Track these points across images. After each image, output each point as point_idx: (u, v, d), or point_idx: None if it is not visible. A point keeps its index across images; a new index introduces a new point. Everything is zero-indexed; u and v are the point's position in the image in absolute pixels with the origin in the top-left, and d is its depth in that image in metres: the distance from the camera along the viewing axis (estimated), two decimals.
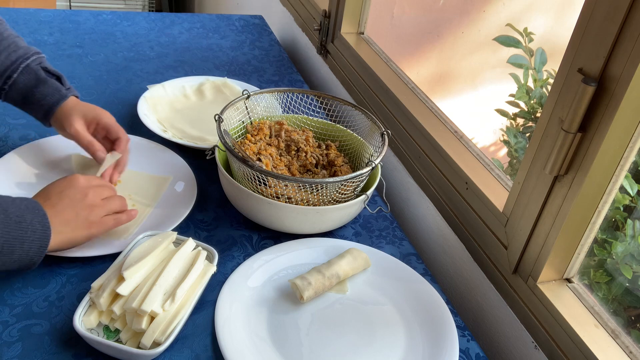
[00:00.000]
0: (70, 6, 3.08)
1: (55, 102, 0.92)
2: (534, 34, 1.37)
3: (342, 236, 0.96)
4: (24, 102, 0.93)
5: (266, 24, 1.71)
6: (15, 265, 0.72)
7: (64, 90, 0.93)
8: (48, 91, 0.92)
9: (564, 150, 0.72)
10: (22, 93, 0.92)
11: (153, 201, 0.95)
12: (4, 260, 0.70)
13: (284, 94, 1.08)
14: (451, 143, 1.04)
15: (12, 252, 0.70)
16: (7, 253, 0.70)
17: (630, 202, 0.94)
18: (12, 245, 0.70)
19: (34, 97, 0.92)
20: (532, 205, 0.80)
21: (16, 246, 0.70)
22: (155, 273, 0.74)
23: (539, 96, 1.37)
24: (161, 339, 0.69)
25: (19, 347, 0.70)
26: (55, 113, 0.92)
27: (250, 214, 0.92)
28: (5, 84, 0.91)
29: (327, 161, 1.01)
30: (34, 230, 0.72)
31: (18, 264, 0.72)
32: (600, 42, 0.67)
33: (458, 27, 1.62)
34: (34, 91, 0.92)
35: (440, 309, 0.83)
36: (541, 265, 0.79)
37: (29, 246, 0.72)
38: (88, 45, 1.41)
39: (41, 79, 0.92)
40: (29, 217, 0.72)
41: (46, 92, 0.92)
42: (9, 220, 0.70)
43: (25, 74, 0.92)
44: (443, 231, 1.03)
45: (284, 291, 0.83)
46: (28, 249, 0.71)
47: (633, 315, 0.95)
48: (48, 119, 0.93)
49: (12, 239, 0.70)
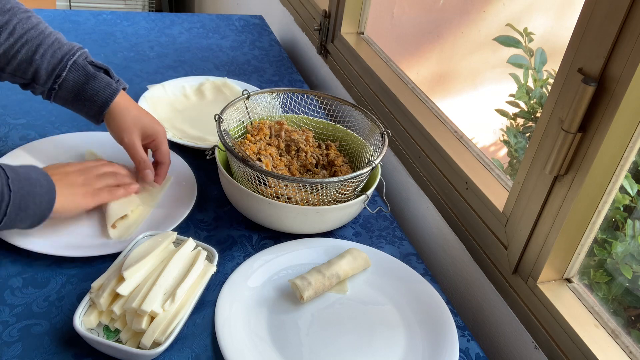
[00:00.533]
0: (70, 6, 3.08)
1: (109, 97, 0.91)
2: (534, 34, 1.37)
3: (342, 236, 0.96)
4: (76, 99, 0.91)
5: (266, 24, 1.71)
6: (29, 221, 0.77)
7: (115, 83, 0.92)
8: (100, 86, 0.90)
9: (564, 150, 0.72)
10: (73, 91, 0.90)
11: (153, 201, 0.95)
12: (22, 216, 0.75)
13: (284, 94, 1.08)
14: (451, 143, 1.04)
15: (27, 207, 0.75)
16: (24, 208, 0.74)
17: (630, 202, 0.94)
18: (26, 200, 0.74)
19: (85, 94, 0.90)
20: (532, 205, 0.80)
21: (29, 201, 0.75)
22: (155, 273, 0.74)
23: (539, 96, 1.37)
24: (161, 339, 0.69)
25: (19, 347, 0.70)
26: (109, 109, 0.91)
27: (250, 214, 0.92)
28: (55, 83, 0.89)
29: (327, 161, 1.01)
30: (41, 185, 0.77)
31: (31, 219, 0.77)
32: (600, 42, 0.67)
33: (458, 27, 1.62)
34: (85, 87, 0.90)
35: (440, 309, 0.83)
36: (541, 265, 0.79)
37: (40, 200, 0.76)
38: (88, 45, 1.41)
39: (90, 74, 0.90)
40: (34, 175, 0.77)
41: (98, 87, 0.90)
42: (19, 177, 0.74)
43: (74, 71, 0.90)
44: (443, 231, 1.03)
45: (284, 291, 0.83)
46: (39, 203, 0.76)
47: (633, 315, 0.95)
48: (101, 115, 0.92)
49: (26, 194, 0.74)
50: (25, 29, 0.87)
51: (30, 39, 0.88)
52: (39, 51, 0.88)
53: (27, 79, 0.89)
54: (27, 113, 1.12)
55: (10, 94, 1.17)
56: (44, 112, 1.13)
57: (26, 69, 0.88)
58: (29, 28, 0.88)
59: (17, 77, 0.89)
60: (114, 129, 0.93)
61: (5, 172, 0.73)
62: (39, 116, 1.12)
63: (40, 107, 1.15)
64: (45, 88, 0.90)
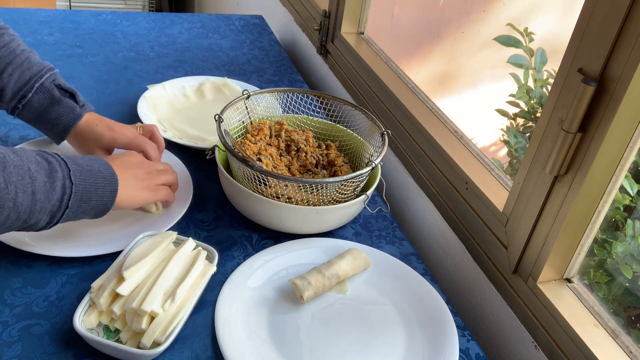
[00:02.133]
0: (70, 6, 3.08)
1: (71, 122, 0.92)
2: (535, 34, 1.37)
3: (342, 236, 0.96)
4: (38, 120, 0.93)
5: (266, 24, 1.71)
6: (92, 213, 0.77)
7: (78, 109, 0.93)
8: (63, 111, 0.92)
9: (564, 150, 0.72)
10: (36, 112, 0.92)
11: None
12: (84, 207, 0.75)
13: (284, 94, 1.08)
14: (451, 143, 1.04)
15: (89, 199, 0.75)
16: (86, 200, 0.74)
17: (630, 202, 0.94)
18: (89, 192, 0.74)
19: (48, 117, 0.92)
20: (532, 205, 0.80)
21: (92, 192, 0.75)
22: (155, 273, 0.74)
23: (539, 96, 1.37)
24: (161, 339, 0.69)
25: (19, 347, 0.70)
26: (71, 133, 0.93)
27: (250, 214, 0.92)
28: (20, 103, 0.90)
29: (327, 161, 1.01)
30: (103, 177, 0.77)
31: (95, 210, 0.77)
32: (600, 42, 0.67)
33: (458, 27, 1.62)
34: (49, 111, 0.91)
35: (440, 309, 0.83)
36: (541, 265, 0.79)
37: (102, 192, 0.76)
38: (88, 45, 1.41)
39: (55, 98, 0.91)
40: (96, 166, 0.77)
41: (61, 112, 0.91)
42: (81, 169, 0.74)
43: (40, 93, 0.91)
44: (443, 231, 1.03)
45: (284, 291, 0.83)
46: (102, 195, 0.76)
47: (633, 315, 0.95)
48: (62, 139, 0.94)
49: (88, 186, 0.74)
50: None
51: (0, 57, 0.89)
52: (7, 70, 0.89)
53: None
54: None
55: None
56: None
57: None
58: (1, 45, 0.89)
59: None
60: (77, 148, 0.96)
61: (67, 165, 0.73)
62: None
63: None
64: (9, 106, 0.91)
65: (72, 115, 0.92)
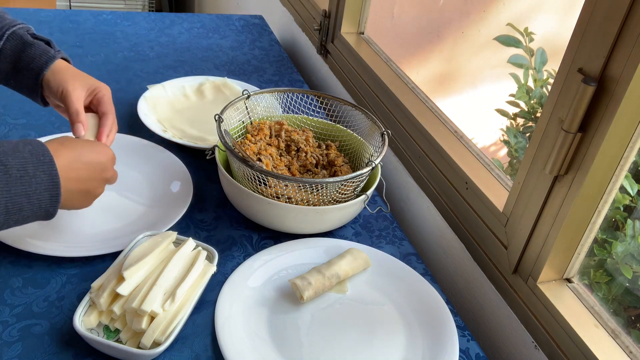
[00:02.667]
0: (70, 6, 3.08)
1: (44, 64, 0.85)
2: (535, 34, 1.37)
3: (342, 236, 0.96)
4: (14, 70, 0.87)
5: (266, 24, 1.71)
6: (31, 220, 0.70)
7: (52, 52, 0.87)
8: (35, 53, 0.85)
9: (564, 150, 0.72)
10: (11, 60, 0.86)
11: (148, 200, 0.95)
12: (16, 218, 0.68)
13: (284, 94, 1.08)
14: (451, 143, 1.04)
15: (20, 209, 0.67)
16: (15, 211, 0.67)
17: (630, 202, 0.94)
18: (17, 203, 0.67)
19: (22, 62, 0.86)
20: (532, 205, 0.80)
21: (23, 202, 0.67)
22: (155, 273, 0.74)
23: (539, 96, 1.37)
24: (161, 339, 0.69)
25: (19, 347, 0.70)
26: (46, 76, 0.85)
27: (250, 214, 0.92)
28: None
29: (327, 161, 1.01)
30: (39, 182, 0.68)
31: (33, 218, 0.70)
32: (600, 42, 0.67)
33: (458, 27, 1.62)
34: (22, 56, 0.86)
35: (440, 309, 0.83)
36: (541, 265, 0.79)
37: (38, 199, 0.68)
38: (88, 45, 1.41)
39: (27, 42, 0.86)
40: (32, 169, 0.67)
41: (34, 55, 0.85)
42: (9, 176, 0.66)
43: (12, 40, 0.86)
44: (443, 231, 1.03)
45: (284, 291, 0.83)
46: (38, 202, 0.68)
47: (633, 315, 0.95)
48: (39, 85, 0.86)
49: (16, 196, 0.66)
50: None
51: None
52: None
53: None
54: (27, 113, 1.12)
55: (10, 94, 1.17)
56: (43, 112, 1.13)
57: None
58: None
59: None
60: (53, 89, 0.85)
61: None
62: (39, 116, 1.12)
63: (40, 107, 1.14)
64: None
65: (45, 57, 0.85)
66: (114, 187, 0.96)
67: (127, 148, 1.05)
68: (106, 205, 0.93)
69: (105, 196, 0.94)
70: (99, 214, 0.91)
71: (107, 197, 0.95)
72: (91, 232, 0.87)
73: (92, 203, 0.79)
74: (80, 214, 0.90)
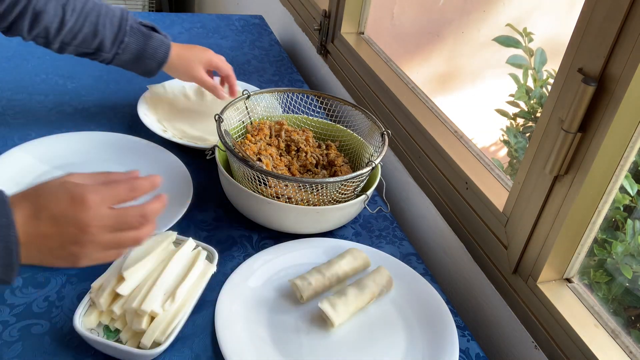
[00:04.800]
0: None
1: (166, 53, 1.03)
2: (534, 34, 1.38)
3: (342, 236, 0.96)
4: (136, 60, 1.03)
5: (266, 24, 1.71)
6: None
7: (166, 40, 1.04)
8: (157, 44, 1.02)
9: (564, 150, 0.72)
10: (135, 53, 1.01)
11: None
12: None
13: (284, 94, 1.08)
14: (451, 143, 1.04)
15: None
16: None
17: (630, 202, 0.94)
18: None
19: (146, 54, 1.02)
20: (532, 205, 0.80)
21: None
22: (155, 273, 0.74)
23: (539, 96, 1.37)
24: (161, 339, 0.69)
25: (19, 347, 0.70)
26: (168, 62, 1.05)
27: (250, 214, 0.92)
28: (119, 48, 1.00)
29: (327, 161, 1.01)
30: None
31: None
32: (600, 42, 0.67)
33: (458, 27, 1.62)
34: (146, 48, 1.01)
35: (440, 309, 0.83)
36: (541, 265, 0.79)
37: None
38: None
39: (146, 35, 1.01)
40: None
41: (156, 46, 1.02)
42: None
43: (133, 35, 1.00)
44: (443, 231, 1.03)
45: (284, 291, 0.83)
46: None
47: (633, 315, 0.95)
48: (159, 69, 1.06)
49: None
50: (83, 2, 0.96)
51: (89, 11, 0.97)
52: (99, 22, 0.97)
53: (92, 49, 0.99)
54: (27, 113, 1.12)
55: (10, 94, 1.17)
56: (43, 112, 1.13)
57: (92, 41, 0.98)
58: (85, 1, 0.97)
59: (81, 49, 0.99)
60: (180, 75, 1.09)
61: None
62: (39, 116, 1.12)
63: (40, 107, 1.15)
64: (110, 54, 1.00)
65: (164, 46, 1.03)
66: None
67: (127, 148, 1.05)
68: None
69: None
70: None
71: None
72: None
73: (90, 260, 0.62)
74: None
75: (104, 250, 0.62)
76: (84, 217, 0.59)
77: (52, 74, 1.27)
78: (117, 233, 0.61)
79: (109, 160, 1.02)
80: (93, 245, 0.60)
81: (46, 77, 1.25)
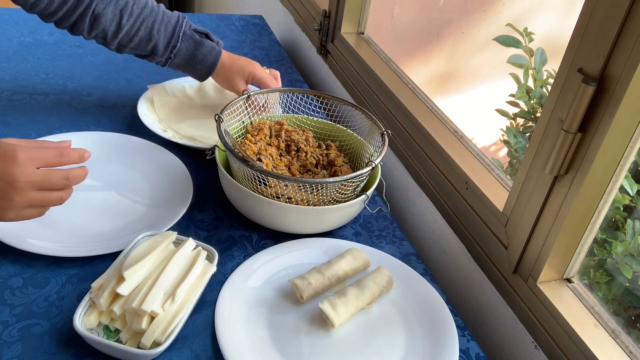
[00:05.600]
0: None
1: (215, 60, 1.09)
2: (534, 34, 1.38)
3: (342, 236, 0.96)
4: (187, 64, 1.09)
5: (266, 24, 1.71)
6: None
7: (217, 47, 1.09)
8: (207, 51, 1.08)
9: (564, 150, 0.72)
10: (185, 58, 1.07)
11: (148, 200, 0.95)
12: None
13: (284, 94, 1.08)
14: (451, 143, 1.04)
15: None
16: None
17: (630, 202, 0.94)
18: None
19: (196, 59, 1.08)
20: (532, 205, 0.80)
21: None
22: (155, 273, 0.74)
23: (539, 96, 1.37)
24: (161, 339, 0.69)
25: (19, 347, 0.70)
26: (216, 70, 1.10)
27: (250, 214, 0.92)
28: (172, 53, 1.06)
29: (327, 161, 1.01)
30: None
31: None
32: (600, 42, 0.67)
33: (458, 27, 1.62)
34: (196, 54, 1.07)
35: (440, 309, 0.83)
36: (541, 265, 0.79)
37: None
38: (88, 45, 1.41)
39: (198, 41, 1.07)
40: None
41: (205, 53, 1.08)
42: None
43: (185, 41, 1.06)
44: (443, 231, 1.03)
45: (284, 291, 0.83)
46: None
47: (633, 315, 0.95)
48: (209, 75, 1.12)
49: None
50: (140, 7, 1.02)
51: (145, 17, 1.02)
52: (155, 27, 1.03)
53: (147, 52, 1.05)
54: (27, 113, 1.12)
55: (10, 94, 1.17)
56: (43, 112, 1.13)
57: (146, 45, 1.04)
58: (142, 7, 1.02)
59: (137, 51, 1.05)
60: (222, 83, 1.15)
61: None
62: (39, 116, 1.12)
63: (40, 107, 1.15)
64: (163, 58, 1.07)
65: (214, 53, 1.09)
66: (114, 187, 0.97)
67: (127, 148, 1.05)
68: (106, 205, 0.93)
69: (106, 196, 0.95)
70: (99, 214, 0.91)
71: (107, 197, 0.95)
72: (91, 232, 0.87)
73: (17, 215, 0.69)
74: (81, 213, 0.90)
75: (29, 206, 0.69)
76: (13, 172, 0.66)
77: (52, 74, 1.27)
78: (42, 192, 0.69)
79: (109, 160, 1.02)
80: (19, 200, 0.67)
81: (46, 77, 1.25)
